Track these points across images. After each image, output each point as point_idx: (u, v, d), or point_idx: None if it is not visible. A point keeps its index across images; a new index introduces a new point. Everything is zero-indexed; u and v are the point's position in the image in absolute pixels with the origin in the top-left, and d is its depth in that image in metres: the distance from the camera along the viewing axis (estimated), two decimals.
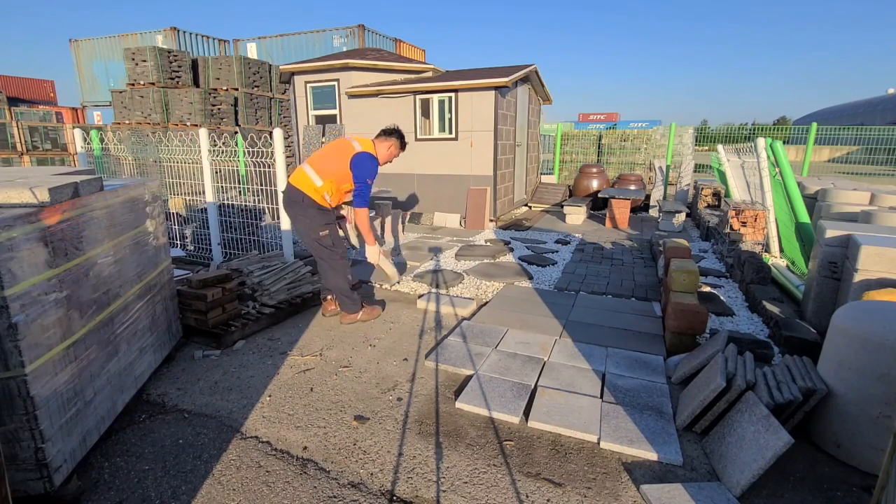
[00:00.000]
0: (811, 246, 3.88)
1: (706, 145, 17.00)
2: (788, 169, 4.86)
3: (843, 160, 17.59)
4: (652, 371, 2.74)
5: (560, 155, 12.32)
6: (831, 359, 2.10)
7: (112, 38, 15.18)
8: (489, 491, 1.85)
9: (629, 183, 9.51)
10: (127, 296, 2.27)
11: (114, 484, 1.86)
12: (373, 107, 8.06)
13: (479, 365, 2.80)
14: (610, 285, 4.45)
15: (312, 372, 2.78)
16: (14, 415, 1.57)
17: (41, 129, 10.27)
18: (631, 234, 7.32)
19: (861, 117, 35.61)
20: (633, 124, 26.69)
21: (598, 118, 31.19)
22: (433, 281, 4.47)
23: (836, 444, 2.02)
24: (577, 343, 3.12)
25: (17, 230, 1.57)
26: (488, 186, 7.44)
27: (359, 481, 1.90)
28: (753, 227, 5.27)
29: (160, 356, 2.69)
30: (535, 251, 5.85)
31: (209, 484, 1.88)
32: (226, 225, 4.96)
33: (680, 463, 1.98)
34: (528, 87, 9.07)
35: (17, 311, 1.53)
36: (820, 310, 3.19)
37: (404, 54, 14.25)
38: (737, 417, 2.04)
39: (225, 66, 10.33)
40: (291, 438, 2.16)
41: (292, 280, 3.75)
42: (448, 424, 2.28)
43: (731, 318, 3.59)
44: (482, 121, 7.27)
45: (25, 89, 20.84)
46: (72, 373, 1.81)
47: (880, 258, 2.71)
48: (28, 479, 1.63)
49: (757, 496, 1.81)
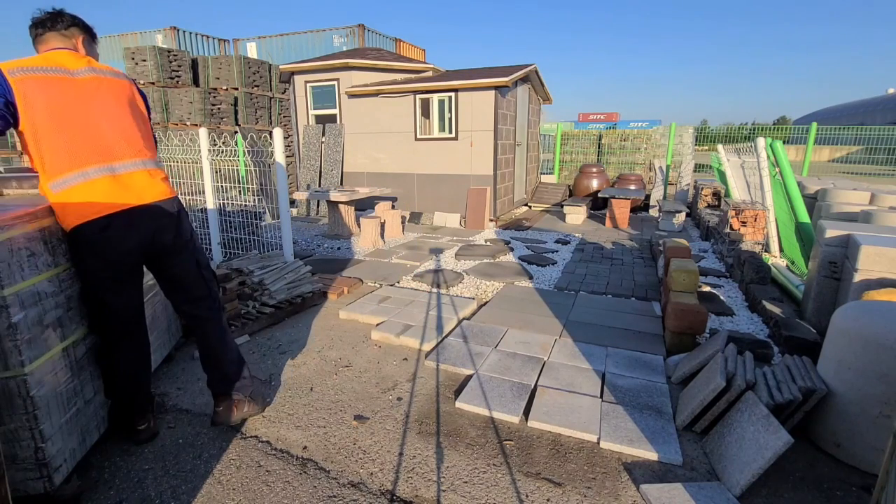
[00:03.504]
0: (811, 246, 3.88)
1: (706, 145, 16.99)
2: (788, 169, 4.87)
3: (843, 160, 17.59)
4: (652, 371, 2.74)
5: (560, 155, 12.31)
6: (831, 359, 2.10)
7: (112, 38, 15.17)
8: (489, 491, 1.85)
9: (629, 183, 9.51)
10: None
11: (114, 483, 1.86)
12: (373, 106, 8.06)
13: (479, 365, 2.80)
14: (610, 285, 4.45)
15: (312, 371, 2.79)
16: (14, 414, 1.57)
17: None
18: (631, 233, 7.32)
19: (861, 117, 35.60)
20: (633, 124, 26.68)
21: (598, 118, 31.19)
22: (433, 281, 4.47)
23: (836, 443, 2.02)
24: (576, 343, 3.12)
25: (17, 230, 1.57)
26: (488, 186, 7.44)
27: (359, 481, 1.90)
28: (753, 227, 5.27)
29: (160, 356, 2.69)
30: (535, 251, 5.85)
31: (209, 483, 1.88)
32: (226, 224, 4.96)
33: (680, 463, 1.98)
34: (527, 86, 9.07)
35: (17, 310, 1.53)
36: (820, 310, 3.19)
37: (404, 54, 14.25)
38: (736, 417, 2.04)
39: (225, 66, 10.33)
40: (291, 438, 2.16)
41: (292, 280, 3.75)
42: (448, 424, 2.28)
43: (730, 318, 3.60)
44: (482, 120, 7.28)
45: None
46: (72, 372, 1.81)
47: (880, 258, 2.71)
48: (28, 478, 1.63)
49: (757, 496, 1.81)
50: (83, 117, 1.74)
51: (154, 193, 1.87)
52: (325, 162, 8.47)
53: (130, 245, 1.83)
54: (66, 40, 1.85)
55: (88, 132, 1.75)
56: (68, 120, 1.71)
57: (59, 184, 1.69)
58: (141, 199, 1.83)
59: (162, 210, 1.89)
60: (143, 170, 1.86)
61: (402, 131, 7.89)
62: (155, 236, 1.88)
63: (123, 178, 1.79)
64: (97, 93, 1.80)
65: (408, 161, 7.99)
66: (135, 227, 1.82)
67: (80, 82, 1.76)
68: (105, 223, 1.75)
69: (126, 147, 1.83)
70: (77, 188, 1.70)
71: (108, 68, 1.89)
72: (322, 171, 8.50)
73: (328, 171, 8.39)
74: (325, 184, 8.37)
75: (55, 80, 1.70)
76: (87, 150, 1.73)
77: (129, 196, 1.80)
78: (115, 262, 1.82)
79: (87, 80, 1.78)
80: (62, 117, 1.70)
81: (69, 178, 1.70)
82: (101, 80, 1.83)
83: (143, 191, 1.84)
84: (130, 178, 1.82)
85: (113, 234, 1.77)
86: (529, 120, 9.54)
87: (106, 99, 1.82)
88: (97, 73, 1.82)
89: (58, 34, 1.83)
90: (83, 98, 1.76)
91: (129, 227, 1.80)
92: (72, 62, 1.77)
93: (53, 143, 1.68)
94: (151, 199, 1.86)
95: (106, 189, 1.75)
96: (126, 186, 1.80)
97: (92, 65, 1.83)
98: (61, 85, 1.71)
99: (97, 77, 1.82)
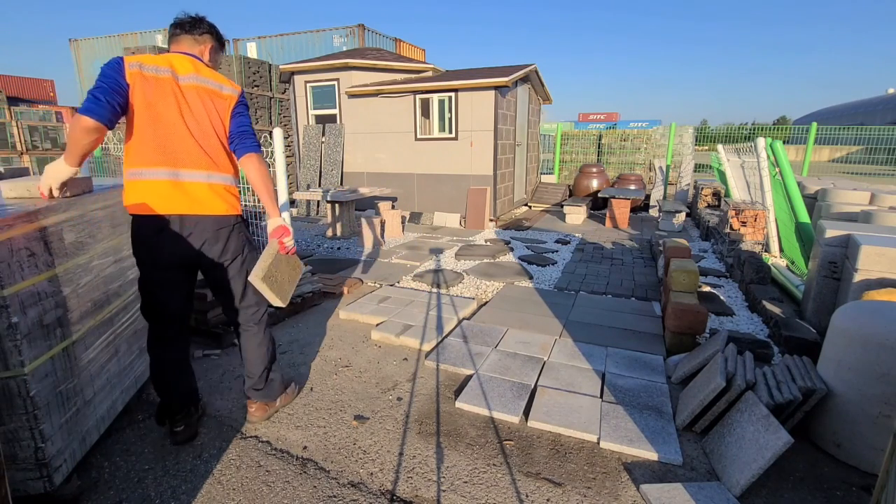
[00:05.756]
0: (811, 246, 3.88)
1: (706, 145, 16.99)
2: (788, 169, 4.86)
3: (843, 160, 17.59)
4: (652, 371, 2.74)
5: (560, 155, 12.32)
6: (831, 358, 2.10)
7: (112, 38, 15.17)
8: (489, 490, 1.85)
9: (629, 183, 9.51)
10: (127, 295, 2.27)
11: (114, 483, 1.86)
12: (373, 106, 8.06)
13: (479, 364, 2.80)
14: (610, 285, 4.45)
15: (312, 371, 2.78)
16: (14, 414, 1.57)
17: (41, 128, 10.26)
18: (631, 233, 7.32)
19: (861, 117, 35.62)
20: (633, 124, 26.70)
21: (598, 118, 31.21)
22: (433, 281, 4.47)
23: (836, 443, 2.02)
24: (577, 343, 3.12)
25: (17, 230, 1.57)
26: (488, 186, 7.44)
27: (358, 481, 1.90)
28: (753, 227, 5.27)
29: None
30: (535, 251, 5.85)
31: (209, 483, 1.88)
32: None
33: (680, 462, 1.98)
34: (527, 86, 9.07)
35: (16, 310, 1.53)
36: (820, 310, 3.19)
37: (404, 54, 14.25)
38: (736, 417, 2.04)
39: (224, 66, 10.32)
40: (291, 438, 2.16)
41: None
42: (448, 424, 2.28)
43: (730, 318, 3.60)
44: (482, 120, 7.28)
45: (25, 89, 20.82)
46: (72, 372, 1.81)
47: (880, 258, 2.71)
48: (28, 478, 1.63)
49: (757, 496, 1.81)
50: (170, 120, 1.82)
51: (211, 207, 1.92)
52: (325, 162, 8.47)
53: (179, 251, 1.91)
54: (196, 45, 1.97)
55: (169, 135, 1.83)
56: (157, 119, 1.80)
57: (130, 173, 1.83)
58: (196, 209, 1.89)
59: (214, 223, 1.95)
60: (205, 182, 1.91)
61: (402, 131, 7.89)
62: (203, 247, 1.96)
63: (185, 186, 1.86)
64: (192, 101, 1.86)
65: (408, 161, 7.99)
66: (185, 235, 1.90)
67: (182, 88, 1.85)
68: (160, 225, 1.85)
69: (197, 158, 1.88)
70: (142, 182, 1.82)
71: (215, 78, 1.94)
72: (322, 171, 8.50)
73: (328, 171, 8.39)
74: (325, 184, 8.37)
75: (161, 80, 1.80)
76: (161, 152, 1.82)
77: (187, 203, 1.87)
78: (163, 265, 1.92)
79: (188, 87, 1.85)
80: (153, 115, 1.80)
81: (139, 171, 1.82)
82: (200, 88, 1.88)
83: (200, 202, 1.90)
84: (192, 187, 1.88)
85: (165, 237, 1.87)
86: (529, 120, 9.54)
87: (197, 108, 1.87)
88: (201, 81, 1.89)
89: (191, 38, 1.96)
90: (177, 103, 1.83)
91: (181, 233, 1.89)
92: (183, 67, 1.86)
93: (139, 137, 1.80)
94: (207, 211, 1.91)
95: (166, 191, 1.84)
96: (186, 193, 1.87)
97: (200, 73, 1.89)
98: (164, 86, 1.80)
99: (198, 86, 1.88)
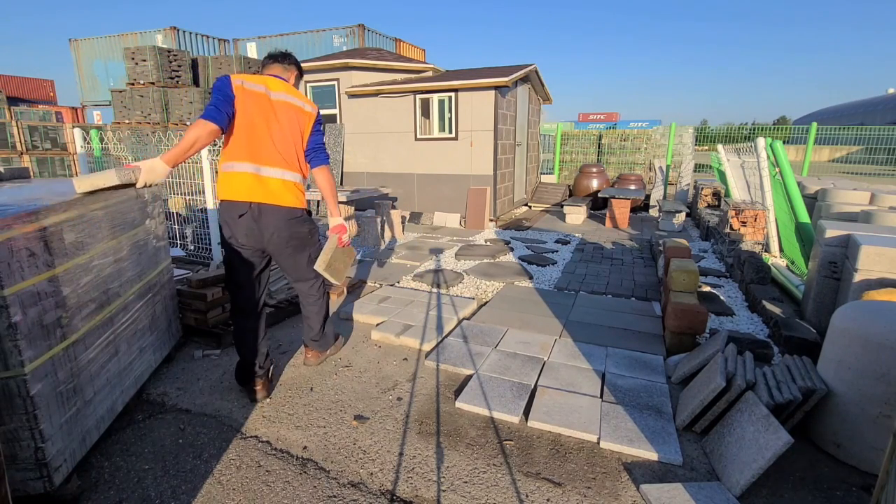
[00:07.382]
0: (811, 246, 3.88)
1: (706, 145, 17.00)
2: (788, 169, 4.86)
3: (843, 160, 17.58)
4: (652, 371, 2.74)
5: (560, 155, 12.32)
6: (831, 359, 2.10)
7: (112, 38, 15.16)
8: (489, 490, 1.85)
9: (629, 183, 9.51)
10: (127, 295, 2.27)
11: (114, 483, 1.86)
12: (373, 106, 8.06)
13: (479, 365, 2.80)
14: (610, 285, 4.45)
15: (312, 371, 2.78)
16: (14, 414, 1.57)
17: (41, 128, 10.25)
18: (631, 233, 7.32)
19: (861, 117, 35.61)
20: (633, 124, 26.71)
21: (598, 118, 31.22)
22: (433, 281, 4.47)
23: (836, 443, 2.02)
24: (577, 343, 3.12)
25: (17, 230, 1.57)
26: (488, 186, 7.44)
27: (359, 481, 1.90)
28: (753, 227, 5.27)
29: (160, 356, 2.69)
30: (535, 251, 5.85)
31: (209, 483, 1.88)
32: None
33: (680, 462, 1.98)
34: (527, 86, 9.07)
35: (16, 310, 1.53)
36: (820, 310, 3.19)
37: (404, 54, 14.25)
38: (736, 417, 2.04)
39: (225, 66, 10.32)
40: (291, 438, 2.16)
41: None
42: (448, 424, 2.28)
43: (730, 318, 3.60)
44: (482, 120, 7.27)
45: (25, 89, 20.82)
46: (72, 372, 1.81)
47: (880, 258, 2.71)
48: (28, 478, 1.63)
49: (757, 496, 1.81)
50: (261, 127, 2.24)
51: (283, 199, 2.31)
52: None
53: (253, 233, 2.29)
54: (284, 72, 2.46)
55: (257, 138, 2.24)
56: (250, 126, 2.22)
57: (225, 166, 2.25)
58: (270, 199, 2.28)
59: (284, 213, 2.32)
60: (280, 178, 2.30)
61: (402, 131, 7.89)
62: (274, 232, 2.32)
63: (264, 179, 2.27)
64: (279, 114, 2.28)
65: (408, 161, 7.99)
66: (260, 220, 2.28)
67: (273, 102, 2.27)
68: (242, 210, 2.25)
69: (276, 158, 2.28)
70: (232, 174, 2.24)
71: (300, 98, 2.39)
72: None
73: None
74: None
75: (257, 94, 2.23)
76: (249, 151, 2.23)
77: (264, 194, 2.26)
78: (240, 244, 2.32)
79: (277, 102, 2.28)
80: (247, 123, 2.21)
81: (231, 164, 2.24)
82: (287, 105, 2.32)
83: (275, 194, 2.29)
84: (269, 181, 2.28)
85: (244, 221, 2.26)
86: (529, 120, 9.54)
87: (282, 120, 2.29)
88: (288, 98, 2.32)
89: (281, 66, 2.46)
90: (268, 114, 2.25)
91: (258, 218, 2.27)
92: (275, 86, 2.30)
93: (236, 138, 2.22)
94: (279, 202, 2.30)
95: (249, 182, 2.24)
96: (264, 185, 2.27)
97: (289, 93, 2.34)
98: (259, 100, 2.23)
99: (286, 102, 2.31)
